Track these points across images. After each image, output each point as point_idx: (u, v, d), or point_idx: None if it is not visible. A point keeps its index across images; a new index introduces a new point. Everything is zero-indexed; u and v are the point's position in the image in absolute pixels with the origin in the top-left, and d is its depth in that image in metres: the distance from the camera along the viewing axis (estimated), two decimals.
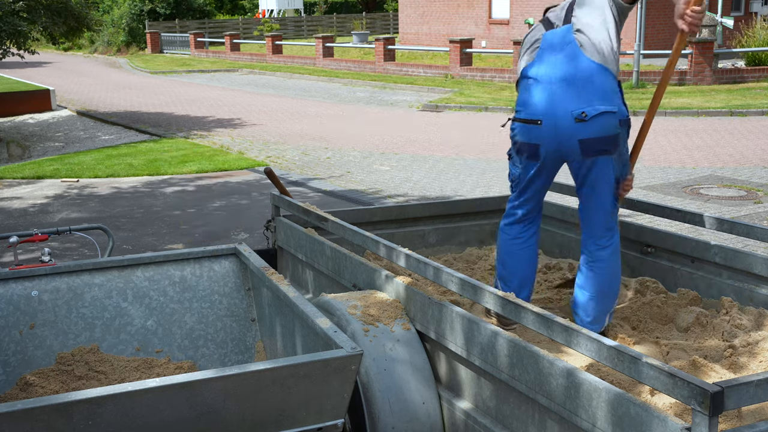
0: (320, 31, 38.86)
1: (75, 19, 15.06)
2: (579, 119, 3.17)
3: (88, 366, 3.15)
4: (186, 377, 2.24)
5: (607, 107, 3.17)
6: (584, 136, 3.19)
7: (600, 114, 3.16)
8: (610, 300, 3.36)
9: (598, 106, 3.16)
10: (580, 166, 3.27)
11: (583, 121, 3.16)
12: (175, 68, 28.79)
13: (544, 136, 3.25)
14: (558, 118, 3.20)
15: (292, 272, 4.25)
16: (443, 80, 21.32)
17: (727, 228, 3.55)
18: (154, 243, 7.30)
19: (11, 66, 27.02)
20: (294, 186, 9.48)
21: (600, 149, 3.22)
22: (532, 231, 3.50)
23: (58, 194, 9.57)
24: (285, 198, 4.18)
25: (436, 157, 11.44)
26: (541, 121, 3.24)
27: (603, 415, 2.14)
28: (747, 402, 1.90)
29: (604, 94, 3.19)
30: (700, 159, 10.73)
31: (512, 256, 3.49)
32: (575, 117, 3.17)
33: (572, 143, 3.21)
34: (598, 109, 3.16)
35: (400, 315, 3.05)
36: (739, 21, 22.52)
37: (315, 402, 2.40)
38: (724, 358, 2.93)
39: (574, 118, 3.17)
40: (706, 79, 18.09)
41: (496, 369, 2.56)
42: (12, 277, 3.22)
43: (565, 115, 3.19)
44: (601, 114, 3.16)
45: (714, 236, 6.19)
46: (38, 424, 2.09)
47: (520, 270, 3.49)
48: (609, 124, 3.19)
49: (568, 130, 3.19)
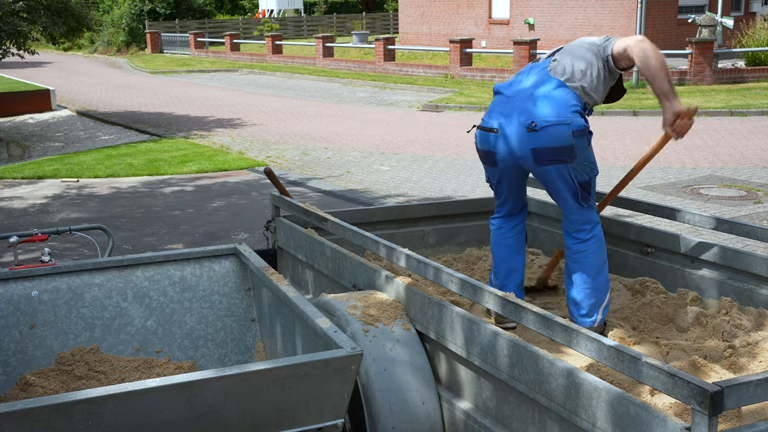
0: (320, 31, 38.85)
1: (75, 19, 15.05)
2: (530, 129, 3.31)
3: (88, 366, 3.15)
4: (186, 377, 2.24)
5: (559, 119, 3.29)
6: (536, 146, 3.33)
7: (551, 125, 3.29)
8: (600, 293, 3.42)
9: (548, 118, 3.30)
10: (537, 173, 3.43)
11: (533, 131, 3.30)
12: (175, 68, 28.79)
13: (498, 143, 3.43)
14: (511, 128, 3.37)
15: (292, 272, 4.25)
16: (443, 80, 21.32)
17: (727, 228, 3.55)
18: (154, 243, 7.30)
19: (11, 66, 27.02)
20: (294, 186, 9.48)
21: (553, 158, 3.34)
22: (514, 223, 3.67)
23: (58, 194, 9.57)
24: (285, 198, 4.18)
25: (436, 157, 11.45)
26: (497, 129, 3.42)
27: (603, 415, 2.14)
28: (747, 402, 1.90)
29: (559, 108, 3.32)
30: (700, 159, 10.73)
31: (498, 246, 3.67)
32: (526, 126, 3.32)
33: (526, 152, 3.35)
34: (548, 120, 3.30)
35: (400, 315, 3.05)
36: (739, 21, 22.52)
37: (315, 402, 2.40)
38: (724, 358, 2.93)
39: (525, 127, 3.32)
40: (706, 79, 18.09)
41: (496, 369, 2.56)
42: (12, 277, 3.22)
43: (518, 124, 3.35)
44: (552, 125, 3.29)
45: (714, 236, 6.19)
46: (38, 424, 2.09)
47: (507, 258, 3.65)
48: (560, 135, 3.29)
49: (521, 139, 3.34)
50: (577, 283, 3.42)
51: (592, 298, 3.40)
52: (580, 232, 3.45)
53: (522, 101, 3.38)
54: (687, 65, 18.45)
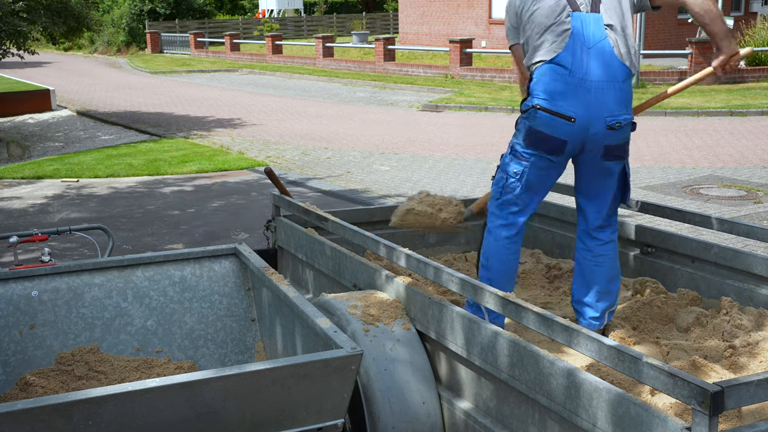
0: (320, 31, 38.84)
1: (75, 19, 15.05)
2: (611, 127, 3.15)
3: (88, 366, 3.15)
4: (186, 377, 2.24)
5: (630, 116, 3.21)
6: (610, 143, 3.19)
7: (627, 123, 3.19)
8: (615, 297, 3.36)
9: (626, 116, 3.18)
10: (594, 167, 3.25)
11: (613, 129, 3.16)
12: (175, 68, 28.79)
13: (574, 133, 3.16)
14: (592, 122, 3.14)
15: (292, 272, 4.25)
16: (443, 80, 21.32)
17: (727, 228, 3.54)
18: (154, 243, 7.30)
19: (11, 66, 27.01)
20: (294, 186, 9.48)
21: (618, 154, 3.24)
22: (523, 231, 3.37)
23: (58, 194, 9.57)
24: (285, 198, 4.18)
25: (436, 157, 11.44)
26: (574, 119, 3.15)
27: (603, 415, 2.14)
28: (747, 402, 1.90)
29: (629, 102, 3.21)
30: (700, 159, 10.73)
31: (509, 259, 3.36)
32: (608, 125, 3.15)
33: (597, 146, 3.19)
34: (627, 119, 3.18)
35: (400, 315, 3.05)
36: (739, 21, 22.51)
37: (315, 402, 2.40)
38: (724, 358, 2.93)
39: (607, 125, 3.15)
40: (706, 79, 18.08)
41: (496, 369, 2.56)
42: (12, 277, 3.22)
43: (600, 121, 3.14)
44: (628, 123, 3.20)
45: (714, 236, 6.19)
46: (38, 424, 2.09)
47: (512, 266, 3.39)
48: (629, 132, 3.23)
49: (599, 135, 3.17)
50: (594, 287, 3.32)
51: (607, 301, 3.34)
52: (604, 232, 3.34)
53: (600, 93, 3.13)
54: (687, 65, 18.45)
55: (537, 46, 3.24)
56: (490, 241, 3.36)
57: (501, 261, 3.34)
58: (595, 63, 3.14)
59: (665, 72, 18.56)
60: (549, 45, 3.19)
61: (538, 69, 3.21)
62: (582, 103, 3.12)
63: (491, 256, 3.35)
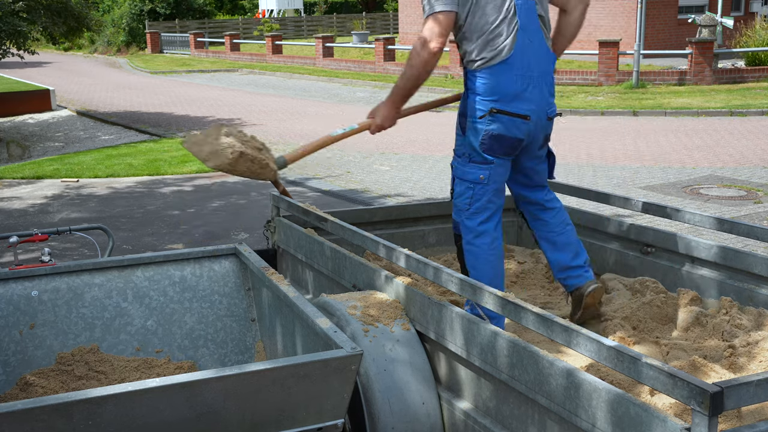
0: (320, 31, 38.84)
1: (75, 19, 15.05)
2: (550, 118, 3.31)
3: (88, 366, 3.15)
4: (186, 377, 2.24)
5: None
6: (548, 132, 3.37)
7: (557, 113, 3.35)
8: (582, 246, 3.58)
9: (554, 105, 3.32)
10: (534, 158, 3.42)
11: (551, 120, 3.32)
12: (175, 68, 28.79)
13: (529, 130, 3.25)
14: (540, 116, 3.27)
15: (292, 272, 4.25)
16: (443, 80, 21.32)
17: (727, 228, 3.54)
18: (154, 243, 7.30)
19: (11, 66, 27.01)
20: (293, 186, 9.48)
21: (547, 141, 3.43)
22: (500, 228, 3.42)
23: (58, 194, 9.57)
24: (285, 198, 4.18)
25: (436, 157, 11.44)
26: (529, 117, 3.20)
27: (603, 415, 2.14)
28: (747, 402, 1.90)
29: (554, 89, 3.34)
30: (700, 159, 10.73)
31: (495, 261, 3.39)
32: (548, 116, 3.30)
33: (539, 138, 3.34)
34: (555, 107, 3.32)
35: (399, 315, 3.05)
36: (739, 21, 22.52)
37: (315, 402, 2.40)
38: (724, 358, 2.93)
39: (548, 116, 3.30)
40: (706, 79, 18.09)
41: (495, 369, 2.56)
42: (12, 277, 3.22)
43: (543, 113, 3.28)
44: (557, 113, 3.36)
45: (714, 236, 6.19)
46: (38, 424, 2.09)
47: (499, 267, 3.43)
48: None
49: (541, 127, 3.31)
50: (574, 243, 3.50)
51: (584, 252, 3.54)
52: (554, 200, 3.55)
53: (541, 85, 3.18)
54: (687, 65, 18.45)
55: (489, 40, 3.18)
56: (472, 253, 3.38)
57: (490, 263, 3.39)
58: (535, 56, 3.18)
59: (665, 72, 18.56)
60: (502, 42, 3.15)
61: (488, 69, 3.18)
62: (531, 100, 3.20)
63: (478, 264, 3.38)
